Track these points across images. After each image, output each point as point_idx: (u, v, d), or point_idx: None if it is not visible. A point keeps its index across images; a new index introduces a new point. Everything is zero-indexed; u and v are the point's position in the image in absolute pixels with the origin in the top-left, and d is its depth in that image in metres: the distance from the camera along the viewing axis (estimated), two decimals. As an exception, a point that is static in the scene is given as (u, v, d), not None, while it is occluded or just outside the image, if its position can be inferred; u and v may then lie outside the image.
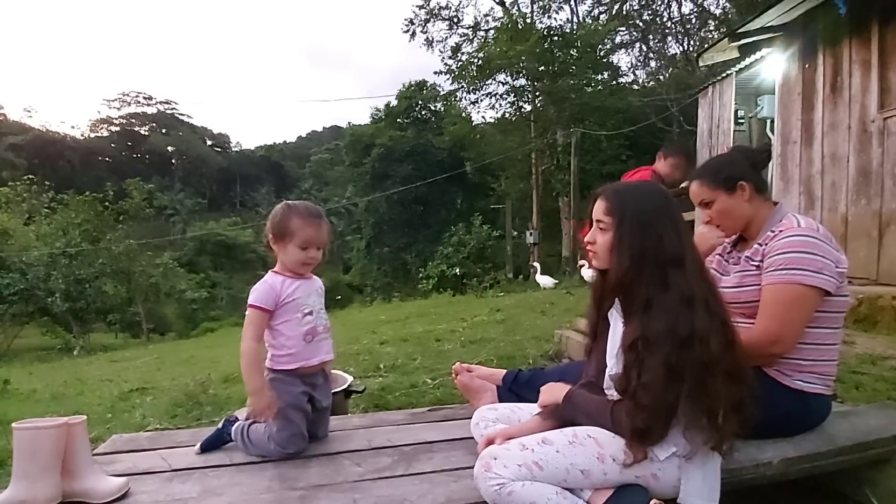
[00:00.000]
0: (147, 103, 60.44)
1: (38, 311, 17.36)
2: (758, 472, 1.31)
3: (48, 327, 18.40)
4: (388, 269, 25.41)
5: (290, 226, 1.50)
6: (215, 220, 38.62)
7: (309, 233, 1.51)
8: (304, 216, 1.51)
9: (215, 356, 6.47)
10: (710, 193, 1.50)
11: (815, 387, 1.40)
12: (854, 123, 4.59)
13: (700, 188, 1.53)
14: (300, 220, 1.50)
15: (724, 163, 1.57)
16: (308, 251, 1.52)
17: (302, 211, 1.52)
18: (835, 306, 1.40)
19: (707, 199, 1.51)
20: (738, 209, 1.49)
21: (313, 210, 1.55)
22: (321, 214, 1.56)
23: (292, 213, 1.51)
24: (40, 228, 18.43)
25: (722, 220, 1.52)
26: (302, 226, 1.50)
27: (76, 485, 1.26)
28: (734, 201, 1.48)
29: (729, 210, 1.49)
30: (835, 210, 4.76)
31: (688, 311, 1.07)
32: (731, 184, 1.49)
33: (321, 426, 1.62)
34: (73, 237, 17.46)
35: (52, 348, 16.14)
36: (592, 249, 1.25)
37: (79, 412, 2.34)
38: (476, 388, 1.76)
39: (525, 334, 4.21)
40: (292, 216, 1.51)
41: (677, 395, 1.06)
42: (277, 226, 1.52)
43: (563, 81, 16.84)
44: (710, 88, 7.58)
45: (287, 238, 1.51)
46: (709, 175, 1.52)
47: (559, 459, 1.13)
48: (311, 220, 1.52)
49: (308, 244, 1.51)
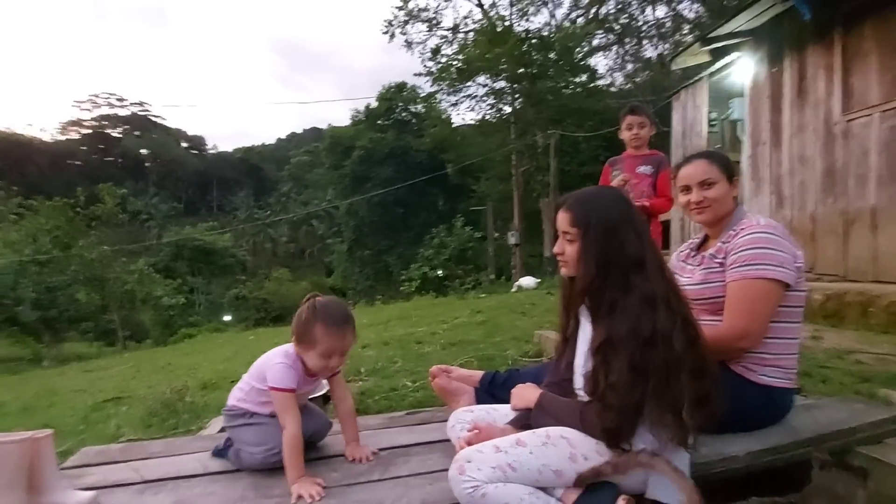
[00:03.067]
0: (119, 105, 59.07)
1: (6, 320, 16.75)
2: (725, 466, 1.35)
3: (17, 337, 17.76)
4: (371, 272, 25.30)
5: (314, 333, 1.39)
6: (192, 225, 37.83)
7: (333, 343, 1.40)
8: (328, 324, 1.39)
9: (193, 363, 6.34)
10: (719, 175, 1.54)
11: (779, 381, 1.45)
12: (819, 126, 4.76)
13: (710, 167, 1.55)
14: (324, 329, 1.38)
15: (727, 157, 1.64)
16: (331, 359, 1.42)
17: (328, 318, 1.39)
18: (794, 300, 1.46)
19: (712, 181, 1.54)
20: (727, 200, 1.55)
21: (340, 316, 1.41)
22: (348, 319, 1.43)
23: (318, 320, 1.39)
24: (8, 235, 17.81)
25: (714, 205, 1.54)
26: (326, 335, 1.39)
27: (42, 500, 1.22)
28: (729, 192, 1.55)
29: (723, 197, 1.54)
30: (804, 209, 4.92)
31: (650, 312, 1.11)
32: (732, 174, 1.56)
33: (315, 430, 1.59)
34: (42, 244, 16.93)
35: (22, 359, 15.58)
36: (562, 259, 1.28)
37: (49, 425, 2.28)
38: (453, 390, 1.77)
39: (505, 335, 4.24)
40: (317, 324, 1.38)
41: (643, 394, 1.09)
42: (301, 330, 1.40)
43: (542, 83, 17.05)
44: (683, 91, 7.77)
45: (310, 344, 1.40)
46: (721, 160, 1.58)
47: (532, 460, 1.15)
48: (337, 330, 1.40)
49: (331, 353, 1.41)
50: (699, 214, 1.57)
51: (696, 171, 1.56)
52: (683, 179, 1.59)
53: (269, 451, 1.39)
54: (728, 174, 1.55)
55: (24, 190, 21.36)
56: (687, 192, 1.58)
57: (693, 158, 1.60)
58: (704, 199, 1.54)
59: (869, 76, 4.29)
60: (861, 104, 4.36)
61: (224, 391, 3.58)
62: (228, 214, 49.73)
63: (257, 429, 1.46)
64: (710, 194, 1.53)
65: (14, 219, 18.68)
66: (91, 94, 63.12)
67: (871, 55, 4.27)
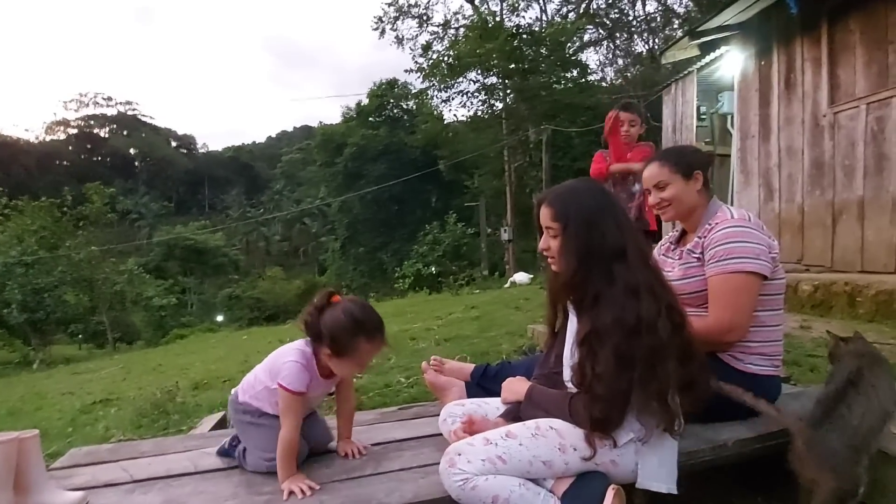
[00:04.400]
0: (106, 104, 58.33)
1: (-7, 323, 16.52)
2: (715, 454, 1.36)
3: (4, 340, 17.51)
4: (365, 269, 25.24)
5: (356, 345, 1.35)
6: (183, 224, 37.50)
7: (373, 353, 1.39)
8: (373, 338, 1.36)
9: (185, 363, 6.29)
10: (669, 176, 1.57)
11: (765, 369, 1.48)
12: (807, 118, 4.79)
13: (660, 170, 1.59)
14: (369, 343, 1.36)
15: (687, 151, 1.67)
16: (361, 367, 1.42)
17: (372, 331, 1.36)
18: (773, 289, 1.49)
19: (664, 182, 1.58)
20: (688, 196, 1.56)
21: (380, 324, 1.39)
22: (383, 325, 1.41)
23: (361, 333, 1.34)
24: (-7, 236, 17.52)
25: (672, 204, 1.58)
26: (369, 349, 1.37)
27: (30, 501, 1.22)
28: (688, 188, 1.56)
29: (681, 195, 1.56)
30: (792, 201, 4.96)
31: (633, 301, 1.11)
32: (689, 170, 1.56)
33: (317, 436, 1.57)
34: (29, 245, 16.65)
35: (10, 363, 15.37)
36: (549, 255, 1.28)
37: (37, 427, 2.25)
38: (444, 384, 1.77)
39: (499, 330, 4.25)
40: (360, 337, 1.34)
41: (630, 383, 1.10)
42: (341, 340, 1.34)
43: (534, 79, 17.05)
44: (673, 86, 7.80)
45: (347, 355, 1.36)
46: (672, 159, 1.60)
47: (522, 452, 1.15)
48: (380, 343, 1.38)
49: (368, 362, 1.41)
50: (662, 214, 1.63)
51: (649, 175, 1.62)
52: (644, 182, 1.66)
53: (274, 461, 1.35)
54: (683, 171, 1.56)
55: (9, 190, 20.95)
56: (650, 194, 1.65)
57: (650, 161, 1.66)
58: (661, 199, 1.59)
59: (855, 68, 4.33)
60: (848, 96, 4.40)
61: (216, 391, 3.56)
62: (220, 213, 49.34)
63: (267, 432, 1.40)
64: (664, 195, 1.58)
65: (0, 219, 18.38)
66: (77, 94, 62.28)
67: (856, 48, 4.31)
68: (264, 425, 1.42)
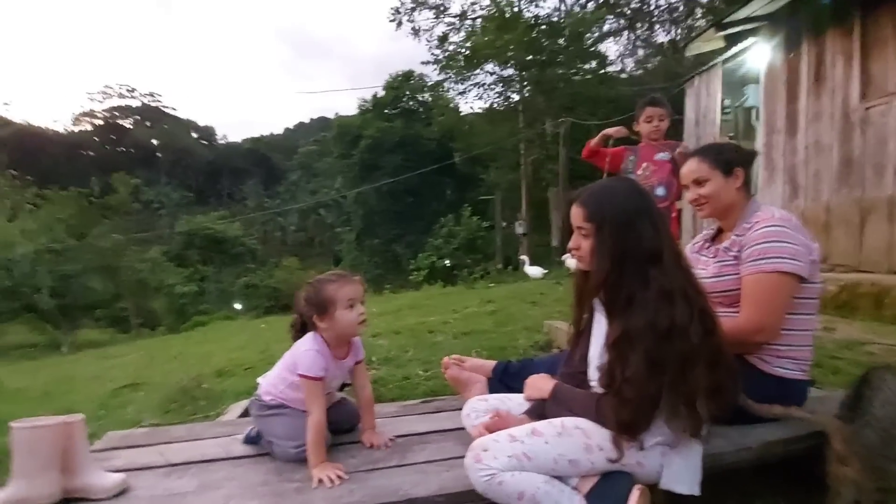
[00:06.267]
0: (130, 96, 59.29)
1: (23, 307, 17.10)
2: (738, 457, 1.37)
3: (35, 324, 18.14)
4: (379, 261, 25.39)
5: (327, 295, 1.46)
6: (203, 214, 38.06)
7: (349, 291, 1.47)
8: (334, 280, 1.49)
9: (207, 351, 6.44)
10: (709, 172, 1.55)
11: (793, 372, 1.46)
12: (837, 113, 4.67)
13: (699, 165, 1.57)
14: (334, 285, 1.47)
15: (727, 147, 1.64)
16: (354, 309, 1.48)
17: (330, 276, 1.50)
18: (809, 293, 1.46)
19: (703, 178, 1.56)
20: (727, 193, 1.55)
21: (339, 272, 1.53)
22: (349, 273, 1.54)
23: (322, 283, 1.48)
24: (24, 224, 18.09)
25: (710, 201, 1.57)
26: (339, 288, 1.47)
27: (75, 482, 1.28)
28: (727, 185, 1.54)
29: (719, 192, 1.55)
30: (818, 199, 4.86)
31: (667, 306, 1.10)
32: (729, 167, 1.55)
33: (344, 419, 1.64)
34: (57, 233, 17.22)
35: (40, 345, 15.93)
36: (578, 255, 1.28)
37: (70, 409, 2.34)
38: (466, 380, 1.80)
39: (516, 325, 4.25)
40: (324, 285, 1.48)
41: (659, 388, 1.10)
42: (315, 302, 1.47)
43: (552, 71, 16.83)
44: (696, 78, 7.63)
45: (331, 307, 1.46)
46: (711, 154, 1.58)
47: (548, 450, 1.16)
48: (344, 279, 1.49)
49: (353, 301, 1.48)
50: (699, 210, 1.61)
51: (687, 171, 1.60)
52: (682, 178, 1.65)
53: (302, 447, 1.41)
54: (723, 168, 1.54)
55: (38, 180, 21.60)
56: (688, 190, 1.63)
57: (689, 156, 1.64)
58: (699, 196, 1.57)
59: (888, 63, 4.20)
60: (880, 91, 4.27)
61: (238, 378, 3.64)
62: (238, 203, 49.99)
63: (288, 421, 1.47)
64: (703, 191, 1.56)
65: (30, 208, 18.98)
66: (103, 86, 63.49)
67: (890, 41, 4.17)
68: (286, 414, 1.49)
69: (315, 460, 1.36)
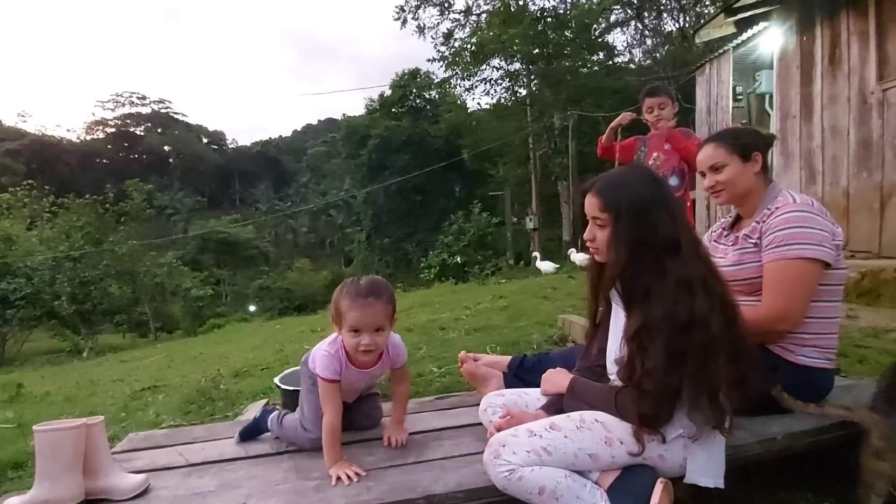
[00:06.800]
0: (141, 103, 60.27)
1: (45, 314, 17.46)
2: (763, 448, 1.34)
3: (56, 330, 18.52)
4: (390, 260, 25.47)
5: (339, 307, 1.35)
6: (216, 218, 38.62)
7: (357, 317, 1.33)
8: (352, 296, 1.34)
9: (224, 352, 6.52)
10: (726, 157, 1.52)
11: (818, 361, 1.42)
12: (854, 96, 4.55)
13: (716, 151, 1.53)
14: (348, 301, 1.34)
15: (744, 132, 1.60)
16: (359, 336, 1.34)
17: (352, 290, 1.36)
18: (833, 279, 1.42)
19: (720, 164, 1.52)
20: (745, 178, 1.51)
21: (365, 289, 1.35)
22: (375, 292, 1.35)
23: (343, 292, 1.36)
24: (43, 233, 18.49)
25: (727, 187, 1.53)
26: (349, 309, 1.34)
27: (98, 483, 1.30)
28: (745, 170, 1.51)
29: (737, 178, 1.51)
30: (836, 184, 4.75)
31: (687, 296, 1.08)
32: (747, 152, 1.51)
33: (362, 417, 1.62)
34: (75, 240, 17.53)
35: (62, 351, 16.25)
36: (593, 246, 1.25)
37: (93, 412, 2.39)
38: (482, 375, 1.78)
39: (529, 320, 4.23)
40: (342, 296, 1.36)
41: (680, 380, 1.08)
42: (333, 305, 1.37)
43: (559, 63, 16.71)
44: (707, 65, 7.51)
45: (340, 321, 1.37)
46: (728, 139, 1.54)
47: (567, 444, 1.15)
48: (358, 302, 1.33)
49: (357, 328, 1.34)
50: (716, 198, 1.57)
51: (703, 157, 1.57)
52: (698, 165, 1.61)
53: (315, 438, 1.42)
54: (741, 152, 1.50)
55: (55, 189, 22.05)
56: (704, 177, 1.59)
57: (704, 143, 1.60)
58: (716, 182, 1.54)
59: (907, 42, 4.08)
60: (899, 72, 4.16)
61: (255, 379, 3.68)
62: (250, 207, 50.59)
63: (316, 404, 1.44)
64: (720, 178, 1.53)
65: (48, 217, 19.38)
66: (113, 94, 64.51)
67: (909, 19, 4.05)
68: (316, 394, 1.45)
69: (331, 460, 1.35)
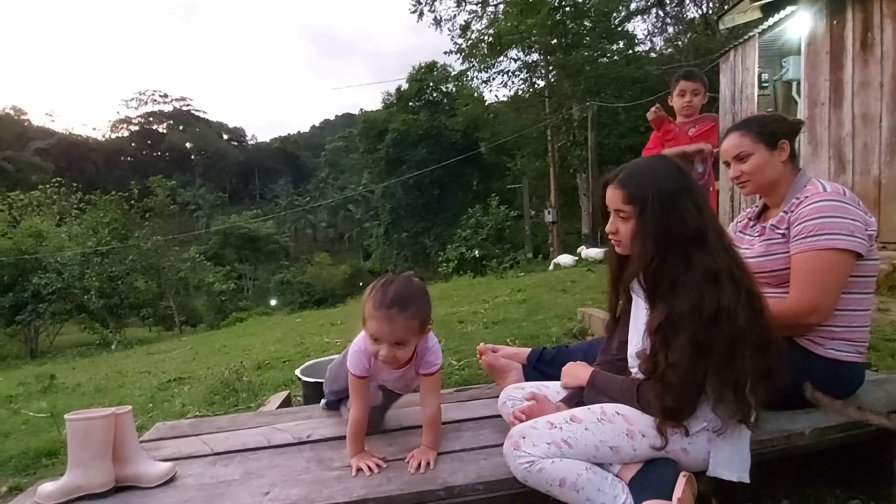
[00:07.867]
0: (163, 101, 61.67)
1: (75, 308, 18.10)
2: (790, 443, 1.30)
3: (86, 324, 19.21)
4: (408, 254, 25.60)
5: (365, 310, 1.30)
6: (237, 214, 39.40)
7: (374, 326, 1.27)
8: (375, 304, 1.27)
9: (247, 345, 6.65)
10: (752, 146, 1.47)
11: (848, 354, 1.38)
12: (886, 81, 4.37)
13: (741, 139, 1.48)
14: (371, 307, 1.27)
15: (769, 119, 1.54)
16: (378, 345, 1.28)
17: (378, 297, 1.27)
18: (866, 270, 1.37)
19: (746, 152, 1.48)
20: (773, 167, 1.46)
21: (391, 298, 1.26)
22: (400, 304, 1.26)
23: (370, 294, 1.29)
24: (72, 229, 19.12)
25: (753, 177, 1.48)
26: (370, 315, 1.28)
27: (127, 470, 1.34)
28: (772, 158, 1.46)
29: (764, 166, 1.46)
30: (867, 173, 4.58)
31: (713, 288, 1.05)
32: (773, 139, 1.46)
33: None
34: (102, 236, 18.06)
35: (92, 344, 16.84)
36: (615, 239, 1.23)
37: (122, 403, 2.46)
38: (501, 367, 1.78)
39: (548, 313, 4.20)
40: (368, 298, 1.29)
41: (705, 373, 1.06)
42: (362, 303, 1.31)
43: (577, 54, 16.43)
44: (731, 52, 7.28)
45: (364, 323, 1.31)
46: (754, 127, 1.49)
47: (588, 437, 1.14)
48: (381, 312, 1.25)
49: (376, 338, 1.28)
50: (742, 188, 1.53)
51: (728, 146, 1.51)
52: (722, 155, 1.56)
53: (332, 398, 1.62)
54: (768, 140, 1.45)
55: (83, 186, 22.76)
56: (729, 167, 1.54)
57: (728, 132, 1.54)
58: (742, 173, 1.49)
59: (947, 22, 3.89)
60: (937, 54, 3.97)
61: (277, 371, 3.75)
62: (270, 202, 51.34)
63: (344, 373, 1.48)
64: (745, 167, 1.48)
65: (76, 213, 20.02)
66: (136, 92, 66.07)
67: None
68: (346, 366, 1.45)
69: (353, 450, 1.37)
